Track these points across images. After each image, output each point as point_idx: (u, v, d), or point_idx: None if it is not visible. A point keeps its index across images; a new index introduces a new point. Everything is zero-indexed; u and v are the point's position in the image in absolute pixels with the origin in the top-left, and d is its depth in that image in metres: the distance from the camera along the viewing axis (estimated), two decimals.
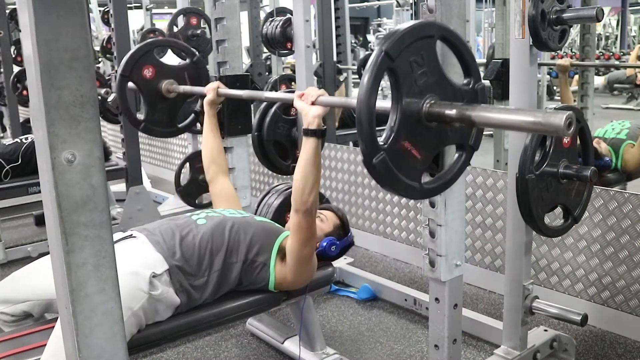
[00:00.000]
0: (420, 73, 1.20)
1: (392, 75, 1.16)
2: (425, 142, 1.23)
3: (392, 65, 1.14)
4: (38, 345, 1.62)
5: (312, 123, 1.69)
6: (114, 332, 0.92)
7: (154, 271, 1.65)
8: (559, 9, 1.83)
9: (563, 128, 0.98)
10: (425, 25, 1.21)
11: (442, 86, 1.24)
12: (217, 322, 1.84)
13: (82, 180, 0.85)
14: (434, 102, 1.20)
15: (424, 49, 1.20)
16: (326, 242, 2.03)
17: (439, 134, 1.26)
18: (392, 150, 1.17)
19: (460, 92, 1.27)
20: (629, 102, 9.34)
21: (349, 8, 5.22)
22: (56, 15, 0.80)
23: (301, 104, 1.73)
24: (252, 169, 4.26)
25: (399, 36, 1.14)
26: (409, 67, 1.18)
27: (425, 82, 1.21)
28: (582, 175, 1.84)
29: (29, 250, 3.42)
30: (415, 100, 1.19)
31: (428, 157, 1.27)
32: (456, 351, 1.67)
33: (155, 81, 2.50)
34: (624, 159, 3.11)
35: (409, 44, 1.16)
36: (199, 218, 1.88)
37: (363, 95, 1.12)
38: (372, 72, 1.12)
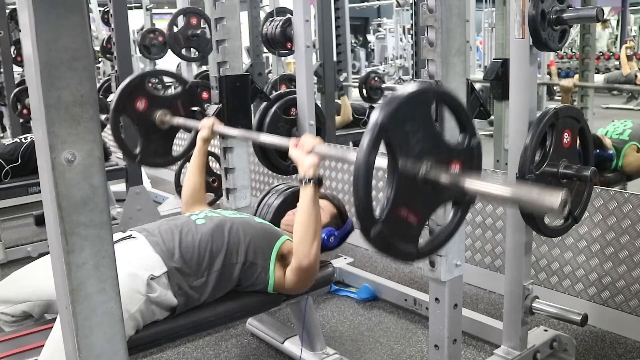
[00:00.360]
0: (416, 140, 1.18)
1: (388, 146, 1.15)
2: (421, 206, 1.22)
3: (387, 137, 1.13)
4: (38, 345, 1.62)
5: (308, 172, 1.67)
6: (114, 332, 0.92)
7: (152, 273, 1.65)
8: (559, 9, 1.83)
9: (557, 210, 0.96)
10: (422, 92, 1.19)
11: (438, 148, 1.23)
12: (217, 322, 1.84)
13: (82, 180, 0.85)
14: (430, 167, 1.19)
15: (419, 115, 1.19)
16: (325, 233, 2.00)
17: (435, 195, 1.24)
18: (389, 220, 1.17)
19: (456, 151, 1.26)
20: (629, 102, 9.35)
21: (349, 8, 5.23)
22: (56, 15, 0.80)
23: (296, 153, 1.68)
24: (252, 169, 4.26)
25: (394, 108, 1.13)
26: (405, 136, 1.16)
27: (421, 147, 1.19)
28: (582, 175, 1.84)
29: (29, 250, 3.42)
30: (412, 167, 1.18)
31: (424, 219, 1.26)
32: (456, 351, 1.67)
33: (148, 113, 2.44)
34: (625, 160, 3.10)
35: (405, 114, 1.15)
36: (198, 218, 1.88)
37: (360, 169, 1.10)
38: (368, 146, 1.10)
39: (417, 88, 1.17)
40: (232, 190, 2.45)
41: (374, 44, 15.49)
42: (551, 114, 1.82)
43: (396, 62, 11.21)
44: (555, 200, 0.96)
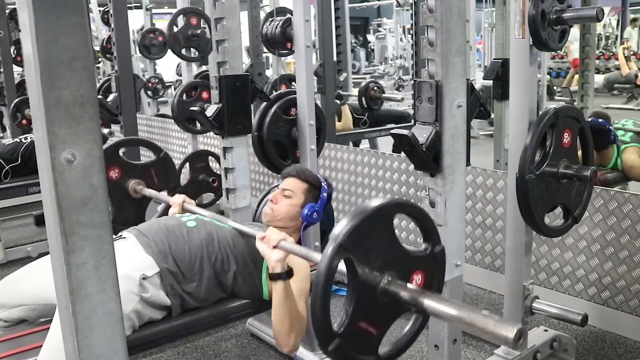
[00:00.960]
0: (377, 254, 1.17)
1: (347, 263, 1.13)
2: (381, 317, 1.21)
3: (347, 256, 1.12)
4: (37, 345, 1.62)
5: (276, 267, 1.64)
6: (114, 332, 0.92)
7: (144, 273, 1.65)
8: (559, 9, 1.83)
9: (513, 342, 0.95)
10: (383, 208, 1.17)
11: (400, 259, 1.21)
12: (217, 322, 1.84)
13: (82, 180, 0.85)
14: (390, 281, 1.17)
15: (381, 229, 1.17)
16: (306, 210, 1.96)
17: (396, 306, 1.21)
18: (347, 334, 1.15)
19: (418, 259, 1.24)
20: (629, 102, 9.35)
21: (349, 8, 5.23)
22: (56, 15, 0.80)
23: (263, 247, 1.66)
24: (252, 169, 4.26)
25: (354, 227, 1.11)
26: (365, 252, 1.15)
27: (382, 261, 1.17)
28: (582, 175, 1.84)
29: (29, 250, 3.42)
30: (372, 280, 1.16)
31: (384, 329, 1.24)
32: (456, 351, 1.67)
33: (122, 182, 2.44)
34: (626, 165, 3.10)
35: (366, 231, 1.14)
36: (188, 220, 1.87)
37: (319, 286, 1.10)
38: (327, 268, 1.09)
39: (379, 203, 1.15)
40: (232, 190, 2.45)
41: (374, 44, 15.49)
42: (551, 114, 1.82)
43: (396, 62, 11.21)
44: (510, 332, 0.95)
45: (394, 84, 10.30)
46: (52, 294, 0.96)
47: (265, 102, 2.40)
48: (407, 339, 1.32)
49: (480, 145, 5.86)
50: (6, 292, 1.77)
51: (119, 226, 2.38)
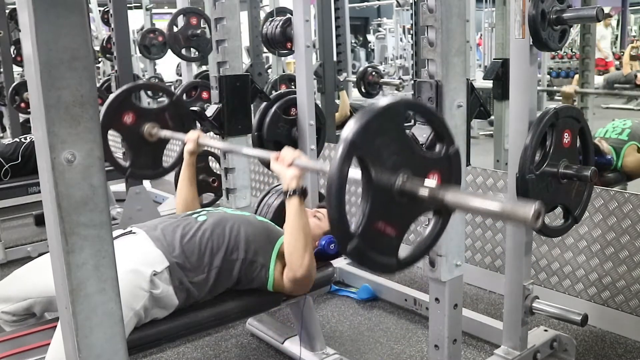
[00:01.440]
0: (390, 152, 1.16)
1: (360, 162, 1.13)
2: (399, 218, 1.20)
3: (359, 154, 1.11)
4: (38, 345, 1.62)
5: (291, 184, 1.68)
6: (114, 332, 0.92)
7: (154, 269, 1.65)
8: (559, 9, 1.83)
9: (531, 220, 0.96)
10: (392, 107, 1.16)
11: (414, 159, 1.20)
12: (217, 322, 1.84)
13: (82, 180, 0.85)
14: (406, 179, 1.17)
15: (392, 128, 1.16)
16: (325, 240, 2.03)
17: (413, 206, 1.21)
18: (365, 234, 1.15)
19: (432, 161, 1.24)
20: (629, 102, 9.34)
21: (349, 8, 5.22)
22: (56, 15, 0.80)
23: (277, 166, 1.70)
24: (252, 169, 4.26)
25: (364, 124, 1.11)
26: (377, 150, 1.14)
27: (396, 160, 1.17)
28: (582, 175, 1.84)
29: (29, 250, 3.42)
30: (387, 180, 1.15)
31: (403, 231, 1.24)
32: (456, 351, 1.67)
33: (136, 126, 2.43)
34: (625, 161, 3.10)
35: (376, 129, 1.13)
36: (199, 215, 1.89)
37: (333, 186, 1.09)
38: (339, 167, 1.09)
39: (388, 102, 1.15)
40: (232, 190, 2.45)
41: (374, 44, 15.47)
42: (551, 114, 1.82)
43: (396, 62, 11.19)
44: (529, 210, 0.96)
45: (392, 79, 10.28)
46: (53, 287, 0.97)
47: (265, 102, 2.40)
48: (428, 242, 1.31)
49: (480, 145, 5.86)
50: (13, 286, 1.79)
51: (137, 171, 2.51)
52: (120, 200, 3.93)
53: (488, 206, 1.07)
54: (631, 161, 3.09)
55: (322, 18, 4.43)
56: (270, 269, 1.83)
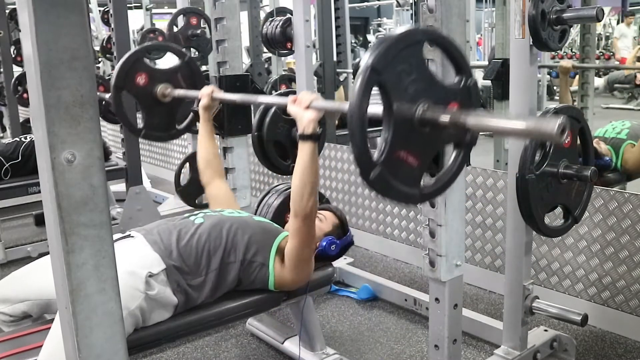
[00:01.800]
0: (410, 81, 1.17)
1: (381, 88, 1.14)
2: (421, 148, 1.22)
3: (379, 79, 1.13)
4: (38, 345, 1.62)
5: (308, 127, 1.68)
6: (114, 332, 0.92)
7: (150, 271, 1.65)
8: (559, 9, 1.83)
9: (556, 135, 0.97)
10: (410, 34, 1.19)
11: (434, 89, 1.22)
12: (217, 322, 1.84)
13: (82, 180, 0.85)
14: (427, 108, 1.19)
15: (411, 56, 1.18)
16: (326, 241, 2.03)
17: (434, 136, 1.23)
18: (388, 163, 1.16)
19: (452, 92, 1.25)
20: (629, 102, 9.35)
21: (349, 8, 5.21)
22: (56, 15, 0.80)
23: (295, 109, 1.71)
24: (252, 169, 4.26)
25: (384, 49, 1.13)
26: (397, 77, 1.16)
27: (416, 89, 1.18)
28: (582, 175, 1.84)
29: (29, 250, 3.42)
30: (408, 109, 1.17)
31: (425, 162, 1.25)
32: (456, 351, 1.67)
33: (149, 87, 2.47)
34: (623, 159, 3.11)
35: (395, 55, 1.15)
36: (196, 218, 1.88)
37: (354, 112, 1.10)
38: (360, 90, 1.10)
39: (406, 29, 1.18)
40: (232, 190, 2.45)
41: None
42: (551, 114, 1.82)
43: None
44: (553, 125, 0.97)
45: None
46: (53, 289, 0.97)
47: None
48: (450, 174, 1.32)
49: (480, 145, 5.81)
50: (11, 288, 1.79)
51: (151, 132, 2.55)
52: (120, 200, 3.92)
53: (512, 125, 1.09)
54: (630, 158, 3.09)
55: (322, 18, 4.44)
56: (270, 267, 1.83)
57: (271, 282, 1.84)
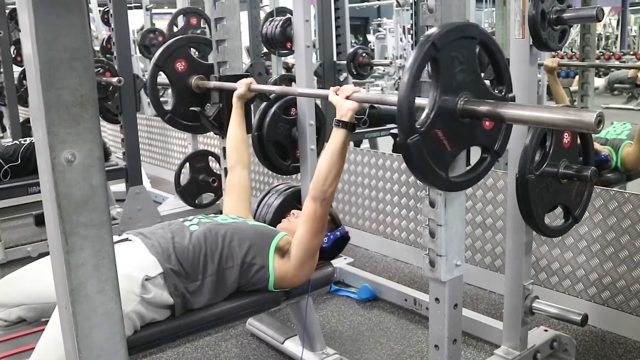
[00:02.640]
0: (460, 70, 1.28)
1: (434, 64, 1.25)
2: (456, 136, 1.32)
3: (436, 55, 1.24)
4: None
5: (346, 115, 1.76)
6: (114, 332, 0.91)
7: (147, 274, 1.65)
8: (559, 9, 1.82)
9: (594, 124, 1.06)
10: (470, 26, 1.31)
11: (477, 87, 1.32)
12: (217, 322, 1.84)
13: (82, 180, 0.85)
14: (468, 99, 1.29)
15: (465, 47, 1.29)
16: None
17: (470, 131, 1.35)
18: (426, 135, 1.26)
19: (492, 96, 1.35)
20: (629, 102, 9.35)
21: (349, 8, 5.21)
22: (56, 15, 0.80)
23: (336, 97, 1.79)
24: (253, 169, 4.26)
25: (445, 30, 1.25)
26: (450, 60, 1.27)
27: (463, 80, 1.29)
28: (583, 175, 1.84)
29: (29, 250, 3.42)
30: (452, 95, 1.28)
31: (456, 151, 1.36)
32: (456, 351, 1.67)
33: (186, 75, 2.59)
34: (622, 157, 3.12)
35: (454, 40, 1.26)
36: (191, 224, 1.89)
37: (407, 78, 1.21)
38: (417, 58, 1.21)
39: (465, 22, 1.31)
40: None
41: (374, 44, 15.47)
42: None
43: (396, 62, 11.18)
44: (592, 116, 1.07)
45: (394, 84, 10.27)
46: (51, 293, 0.96)
47: (265, 102, 2.40)
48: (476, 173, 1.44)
49: None
50: (5, 291, 1.77)
51: (176, 118, 2.66)
52: (120, 200, 3.92)
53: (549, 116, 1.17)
54: (628, 156, 3.10)
55: (322, 18, 4.44)
56: (269, 268, 1.83)
57: (271, 282, 1.84)
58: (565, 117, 1.11)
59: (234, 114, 2.32)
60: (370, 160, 3.40)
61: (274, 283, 1.84)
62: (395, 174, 3.28)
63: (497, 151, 1.44)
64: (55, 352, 1.47)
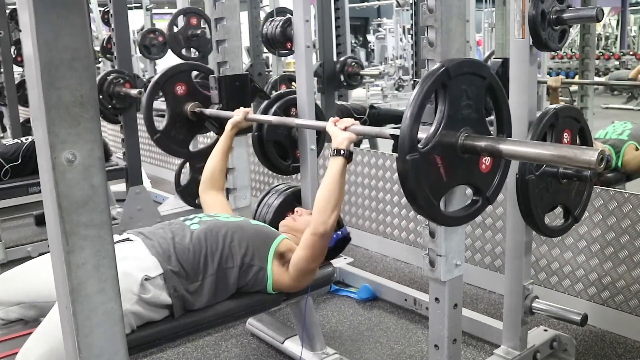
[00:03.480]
0: (466, 104, 1.31)
1: (442, 90, 1.27)
2: (453, 168, 1.34)
3: (447, 82, 1.26)
4: None
5: (342, 144, 1.76)
6: (114, 332, 0.92)
7: (147, 274, 1.65)
8: (559, 9, 1.82)
9: (595, 164, 1.05)
10: (483, 67, 1.35)
11: (480, 126, 1.35)
12: (217, 322, 1.84)
13: (83, 180, 0.85)
14: (469, 134, 1.32)
15: (475, 84, 1.32)
16: None
17: (466, 167, 1.37)
18: (425, 157, 1.27)
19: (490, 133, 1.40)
20: (629, 102, 9.35)
21: (349, 8, 5.21)
22: (56, 15, 0.80)
23: (334, 128, 1.80)
24: (252, 169, 4.26)
25: (460, 61, 1.28)
26: (459, 92, 1.29)
27: (468, 115, 1.32)
28: (582, 175, 1.84)
29: (29, 250, 3.42)
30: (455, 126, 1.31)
31: (450, 184, 1.36)
32: (456, 351, 1.67)
33: (183, 100, 2.62)
34: (625, 160, 3.10)
35: (466, 73, 1.29)
36: (192, 223, 1.88)
37: (415, 97, 1.22)
38: (428, 81, 1.23)
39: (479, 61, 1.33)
40: (232, 190, 2.45)
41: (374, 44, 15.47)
42: (551, 114, 1.82)
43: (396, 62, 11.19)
44: (593, 154, 1.06)
45: (394, 84, 10.28)
46: (51, 291, 0.96)
47: (265, 102, 2.40)
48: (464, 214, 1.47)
49: None
50: (4, 288, 1.76)
51: (165, 140, 2.70)
52: (120, 200, 3.93)
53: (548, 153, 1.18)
54: (630, 159, 3.09)
55: (322, 18, 4.43)
56: (268, 270, 1.83)
57: (269, 285, 1.84)
58: (565, 154, 1.10)
59: (222, 141, 2.27)
60: (370, 160, 3.40)
61: (272, 286, 1.84)
62: (395, 174, 3.27)
63: (489, 197, 1.46)
64: (45, 344, 1.48)
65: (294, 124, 2.20)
